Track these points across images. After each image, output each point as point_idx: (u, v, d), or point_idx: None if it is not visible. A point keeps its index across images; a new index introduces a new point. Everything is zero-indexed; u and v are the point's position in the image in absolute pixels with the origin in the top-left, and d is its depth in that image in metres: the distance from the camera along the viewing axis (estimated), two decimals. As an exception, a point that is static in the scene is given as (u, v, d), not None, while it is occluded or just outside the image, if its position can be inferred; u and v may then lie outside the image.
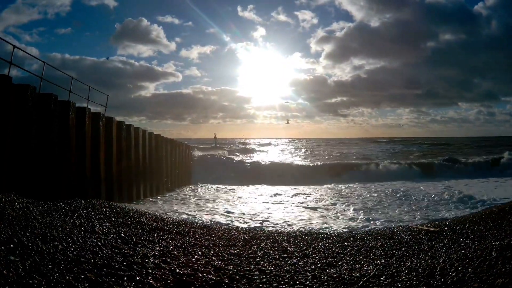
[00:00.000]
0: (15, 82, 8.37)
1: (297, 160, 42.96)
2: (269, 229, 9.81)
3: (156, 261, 5.01)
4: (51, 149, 9.38)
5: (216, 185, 22.31)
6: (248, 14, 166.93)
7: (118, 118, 13.28)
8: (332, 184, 22.60)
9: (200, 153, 31.29)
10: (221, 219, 11.47)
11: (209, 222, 10.68)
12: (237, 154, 43.24)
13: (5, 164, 7.95)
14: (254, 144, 78.73)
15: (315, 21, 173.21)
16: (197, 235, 7.69)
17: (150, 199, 15.61)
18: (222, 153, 35.33)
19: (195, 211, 12.79)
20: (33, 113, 8.75)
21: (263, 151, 58.57)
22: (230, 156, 35.19)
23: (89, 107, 11.63)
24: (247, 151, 54.75)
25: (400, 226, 9.17)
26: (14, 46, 8.85)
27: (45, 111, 9.20)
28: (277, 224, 10.77)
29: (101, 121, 11.97)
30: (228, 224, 10.63)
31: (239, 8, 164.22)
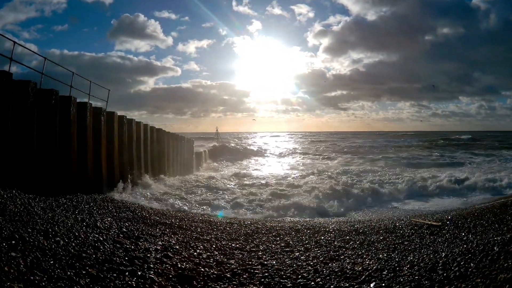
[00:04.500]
0: (15, 79, 8.34)
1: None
2: (271, 224, 9.81)
3: (158, 256, 5.01)
4: (53, 145, 9.38)
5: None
6: (243, 8, 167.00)
7: (119, 113, 13.27)
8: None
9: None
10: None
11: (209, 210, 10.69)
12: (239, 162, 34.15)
13: (6, 160, 7.95)
14: (255, 142, 74.61)
15: (311, 14, 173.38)
16: (199, 229, 7.70)
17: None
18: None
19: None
20: (34, 109, 8.74)
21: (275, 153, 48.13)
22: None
23: (90, 102, 11.62)
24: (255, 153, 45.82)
25: (402, 220, 9.16)
26: (15, 42, 8.81)
27: (46, 107, 9.19)
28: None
29: (103, 116, 11.95)
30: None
31: (234, 3, 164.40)
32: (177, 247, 5.83)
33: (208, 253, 5.69)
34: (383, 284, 3.92)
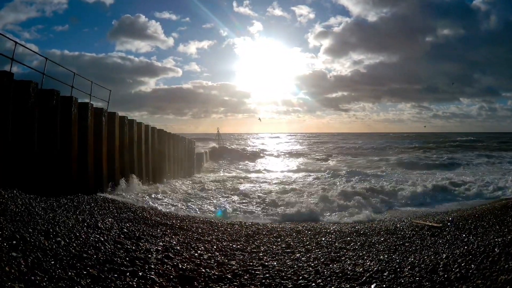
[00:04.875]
0: (16, 79, 8.35)
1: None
2: (272, 225, 9.81)
3: (159, 257, 5.01)
4: (54, 145, 9.39)
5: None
6: (244, 9, 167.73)
7: (119, 114, 13.28)
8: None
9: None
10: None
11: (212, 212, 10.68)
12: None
13: (7, 160, 7.95)
14: (256, 143, 73.17)
15: (312, 15, 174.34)
16: (200, 230, 7.70)
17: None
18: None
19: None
20: (35, 109, 8.75)
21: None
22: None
23: (91, 102, 11.63)
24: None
25: (403, 221, 9.15)
26: (16, 42, 8.82)
27: (47, 107, 9.20)
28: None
29: (104, 117, 11.95)
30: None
31: (234, 4, 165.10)
32: (178, 248, 5.83)
33: (209, 254, 5.69)
34: (384, 285, 3.92)
